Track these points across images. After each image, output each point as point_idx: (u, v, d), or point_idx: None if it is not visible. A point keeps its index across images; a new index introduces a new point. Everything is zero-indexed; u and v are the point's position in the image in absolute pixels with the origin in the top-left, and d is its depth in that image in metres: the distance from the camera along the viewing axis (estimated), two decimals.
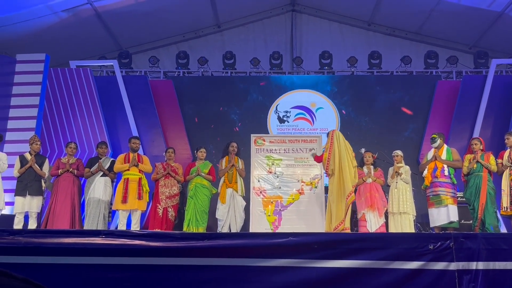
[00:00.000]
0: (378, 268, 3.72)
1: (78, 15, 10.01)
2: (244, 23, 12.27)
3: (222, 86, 10.54)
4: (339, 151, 6.42)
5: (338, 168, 6.34)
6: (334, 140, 6.51)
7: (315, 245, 3.79)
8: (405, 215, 6.65)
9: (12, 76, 9.28)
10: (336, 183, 6.31)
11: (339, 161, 6.36)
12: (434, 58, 10.69)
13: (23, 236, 4.01)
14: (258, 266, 3.74)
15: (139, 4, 10.31)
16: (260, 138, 7.78)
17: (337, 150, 6.43)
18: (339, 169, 6.34)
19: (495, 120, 9.53)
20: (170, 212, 6.87)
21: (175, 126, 9.98)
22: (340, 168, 6.34)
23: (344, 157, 6.39)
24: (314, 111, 10.26)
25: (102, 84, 9.93)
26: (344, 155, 6.41)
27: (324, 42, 11.77)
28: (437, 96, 9.99)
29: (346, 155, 6.43)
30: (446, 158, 6.72)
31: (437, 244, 3.74)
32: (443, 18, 10.81)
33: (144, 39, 11.86)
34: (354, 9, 11.75)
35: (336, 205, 6.22)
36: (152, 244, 3.90)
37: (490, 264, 3.70)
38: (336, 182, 6.31)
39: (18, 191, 6.67)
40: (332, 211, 6.28)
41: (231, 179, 7.01)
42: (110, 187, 6.97)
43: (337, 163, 6.35)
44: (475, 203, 6.38)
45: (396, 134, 9.91)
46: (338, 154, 6.40)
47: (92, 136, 9.36)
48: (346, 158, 6.40)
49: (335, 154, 6.41)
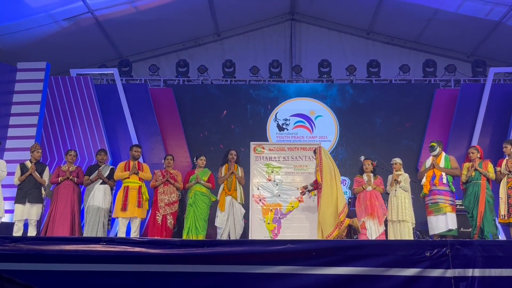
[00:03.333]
0: (376, 275, 3.74)
1: (79, 23, 10.08)
2: (243, 32, 12.34)
3: (221, 95, 10.60)
4: (328, 164, 6.61)
5: (330, 180, 6.48)
6: (322, 155, 6.68)
7: (313, 252, 3.81)
8: (404, 223, 6.66)
9: (13, 84, 9.33)
10: (326, 194, 6.40)
11: (330, 174, 6.52)
12: (433, 67, 10.76)
13: (25, 243, 4.03)
14: (257, 273, 3.76)
15: (139, 13, 10.39)
16: (259, 146, 7.80)
17: (326, 164, 6.59)
18: (330, 182, 6.47)
19: (493, 128, 9.57)
20: (169, 219, 6.88)
21: (175, 134, 10.01)
22: (332, 181, 6.48)
23: (335, 170, 6.61)
24: (313, 119, 10.31)
25: (102, 92, 9.98)
26: (333, 169, 6.61)
27: (323, 50, 11.84)
28: (435, 105, 10.04)
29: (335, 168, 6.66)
30: (444, 166, 6.74)
31: (433, 251, 3.77)
32: (441, 27, 10.88)
33: (144, 48, 11.93)
34: (353, 18, 11.83)
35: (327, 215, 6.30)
36: (152, 251, 3.92)
37: (486, 271, 3.73)
38: (328, 193, 6.41)
39: (18, 198, 6.69)
40: (320, 221, 6.36)
41: (231, 187, 7.03)
42: (110, 195, 6.99)
43: (327, 176, 6.49)
44: (474, 211, 6.40)
45: (395, 142, 9.95)
46: (327, 168, 6.56)
47: (92, 144, 9.39)
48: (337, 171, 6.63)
49: (324, 168, 6.55)
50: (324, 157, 6.65)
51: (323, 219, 6.31)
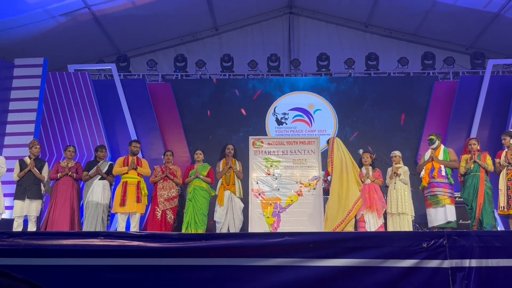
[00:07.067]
0: (373, 267, 3.75)
1: (76, 19, 10.05)
2: (241, 26, 12.32)
3: (220, 89, 10.58)
4: (341, 157, 6.57)
5: (340, 173, 6.43)
6: (334, 147, 6.66)
7: (311, 244, 3.82)
8: (404, 215, 6.68)
9: (11, 80, 9.31)
10: (335, 187, 6.38)
11: (341, 167, 6.48)
12: (431, 59, 10.74)
13: (23, 238, 4.03)
14: (255, 266, 3.78)
15: (137, 8, 10.36)
16: (258, 140, 7.78)
17: (337, 156, 6.55)
18: (340, 174, 6.43)
19: (492, 120, 9.57)
20: (168, 214, 6.89)
21: (174, 129, 10.01)
22: (343, 174, 6.44)
23: (348, 163, 6.57)
24: (312, 113, 10.30)
25: (100, 88, 9.96)
26: (348, 160, 6.59)
27: (322, 44, 11.82)
28: (434, 97, 10.04)
29: (350, 160, 6.62)
30: (443, 159, 6.75)
31: (430, 242, 3.78)
32: (439, 19, 10.86)
33: (142, 43, 11.91)
34: (351, 11, 11.80)
35: (335, 208, 6.29)
36: (150, 245, 3.93)
37: (483, 262, 3.74)
38: (336, 186, 6.39)
39: (17, 195, 6.69)
40: (329, 214, 6.34)
41: (229, 181, 7.03)
42: (109, 190, 6.99)
43: (338, 169, 6.45)
44: (473, 203, 6.41)
45: (394, 135, 9.95)
46: (339, 161, 6.51)
47: (91, 140, 9.39)
48: (349, 163, 6.58)
49: (335, 160, 6.53)
50: (336, 150, 6.64)
51: (330, 212, 6.32)
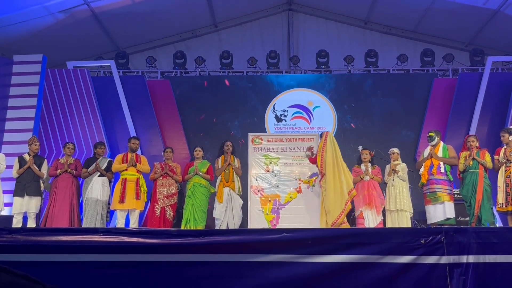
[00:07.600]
0: (371, 263, 3.76)
1: (75, 16, 10.03)
2: (241, 23, 12.31)
3: (219, 86, 10.57)
4: (333, 151, 6.55)
5: (332, 167, 6.43)
6: (327, 141, 6.64)
7: (309, 240, 3.83)
8: (402, 212, 6.69)
9: (9, 77, 9.30)
10: (330, 182, 6.38)
11: (333, 161, 6.47)
12: (431, 56, 10.73)
13: (22, 234, 4.03)
14: (254, 262, 3.78)
15: (136, 5, 10.34)
16: (257, 137, 7.81)
17: (330, 150, 6.54)
18: (333, 169, 6.43)
19: (491, 117, 9.57)
20: (168, 211, 6.89)
21: (173, 125, 10.01)
22: (335, 167, 6.43)
23: (339, 159, 6.55)
24: (311, 109, 10.30)
25: (99, 85, 9.95)
26: (339, 157, 6.58)
27: (321, 41, 11.81)
28: (433, 94, 10.04)
29: (340, 158, 6.62)
30: (442, 155, 6.76)
31: (428, 238, 3.78)
32: (439, 16, 10.84)
33: (141, 39, 11.89)
34: (351, 7, 11.79)
35: (332, 202, 6.28)
36: (149, 241, 3.94)
37: (481, 258, 3.75)
38: (331, 181, 6.38)
39: (16, 191, 6.70)
40: (326, 209, 6.34)
41: (228, 178, 7.03)
42: (108, 187, 7.00)
43: (330, 163, 6.45)
44: (471, 200, 6.42)
45: (393, 132, 9.95)
46: (331, 155, 6.50)
47: (90, 137, 9.39)
48: (340, 159, 6.57)
49: (327, 155, 6.51)
50: (329, 144, 6.62)
51: (328, 207, 6.31)
